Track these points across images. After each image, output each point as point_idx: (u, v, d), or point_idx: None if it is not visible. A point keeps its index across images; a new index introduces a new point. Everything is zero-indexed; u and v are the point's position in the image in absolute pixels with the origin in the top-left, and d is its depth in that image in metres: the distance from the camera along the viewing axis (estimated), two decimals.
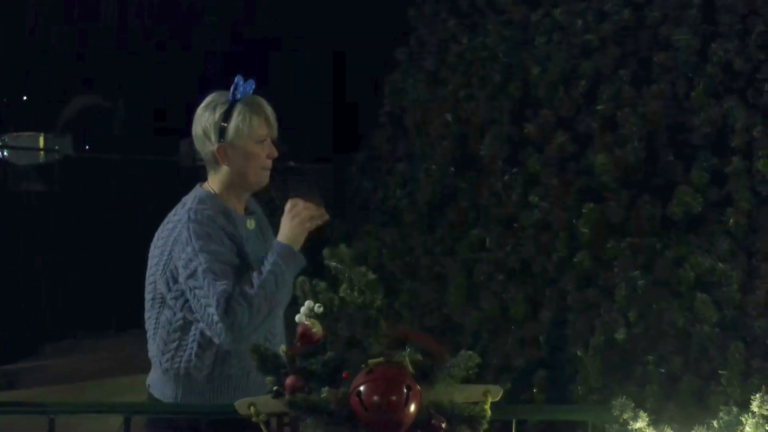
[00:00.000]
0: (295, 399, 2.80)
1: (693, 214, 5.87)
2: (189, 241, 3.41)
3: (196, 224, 3.43)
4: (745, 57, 6.00)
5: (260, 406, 2.93)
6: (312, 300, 2.95)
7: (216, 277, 3.36)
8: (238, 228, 3.55)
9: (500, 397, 2.97)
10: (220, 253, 3.41)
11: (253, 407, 2.93)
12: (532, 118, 6.64)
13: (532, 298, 6.33)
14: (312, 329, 2.91)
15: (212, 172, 3.60)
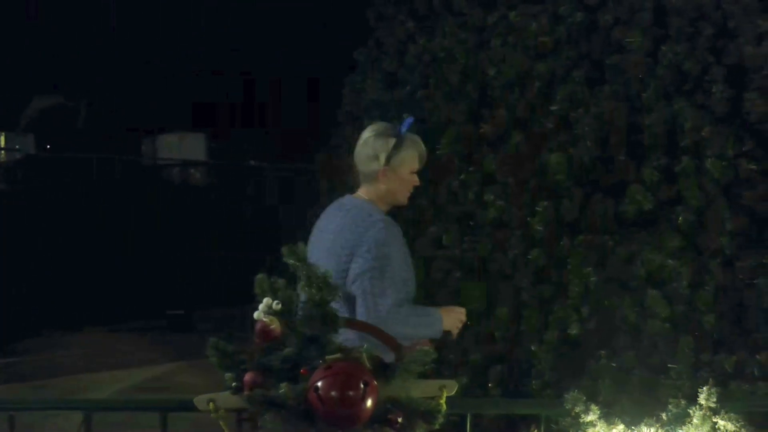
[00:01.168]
0: (254, 394, 2.80)
1: (644, 212, 5.91)
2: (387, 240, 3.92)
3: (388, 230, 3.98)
4: (694, 59, 6.04)
5: (220, 402, 2.92)
6: (270, 297, 2.94)
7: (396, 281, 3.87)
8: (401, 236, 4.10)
9: (456, 392, 2.97)
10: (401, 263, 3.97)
11: (212, 403, 2.91)
12: (488, 118, 6.66)
13: (489, 294, 6.35)
14: (270, 326, 2.91)
15: (366, 186, 4.13)
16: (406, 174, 4.09)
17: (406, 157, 4.06)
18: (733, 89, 5.95)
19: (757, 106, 5.84)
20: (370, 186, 4.11)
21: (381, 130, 4.13)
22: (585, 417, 2.89)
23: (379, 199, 4.10)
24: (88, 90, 15.67)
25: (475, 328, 6.33)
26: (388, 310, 3.80)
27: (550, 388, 5.67)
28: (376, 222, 3.99)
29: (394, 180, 4.06)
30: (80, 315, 11.49)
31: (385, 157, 4.03)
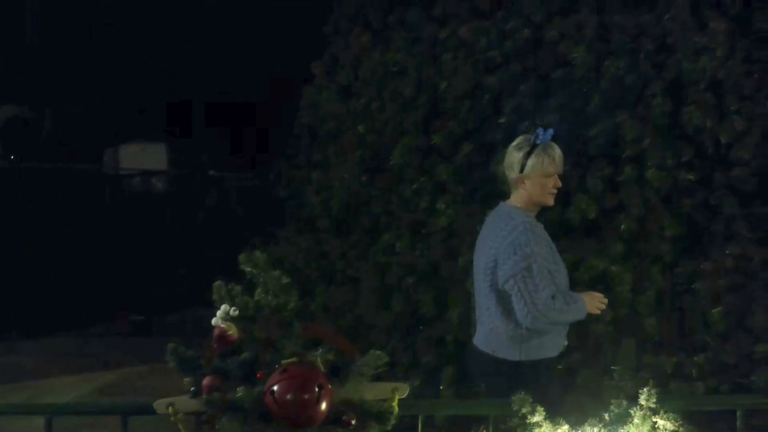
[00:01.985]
0: (212, 398, 2.78)
1: (589, 219, 5.95)
2: (527, 243, 4.15)
3: (533, 233, 4.19)
4: (635, 74, 6.11)
5: (179, 406, 2.89)
6: (228, 304, 2.93)
7: (547, 276, 4.12)
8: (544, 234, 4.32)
9: (408, 394, 2.97)
10: (547, 258, 4.19)
11: (171, 407, 2.89)
12: (439, 130, 6.67)
13: (440, 299, 6.35)
14: (228, 332, 2.89)
15: (515, 193, 4.34)
16: (540, 178, 4.26)
17: (536, 163, 4.23)
18: (672, 102, 6.03)
19: (694, 119, 5.92)
20: (516, 192, 4.33)
21: (519, 142, 4.35)
22: (531, 418, 2.90)
23: (525, 202, 4.31)
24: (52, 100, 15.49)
25: (427, 331, 6.34)
26: (544, 303, 4.10)
27: None
28: (516, 225, 4.23)
29: (530, 185, 4.26)
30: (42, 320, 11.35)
31: (519, 166, 4.25)
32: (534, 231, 4.21)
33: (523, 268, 4.14)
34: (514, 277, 4.16)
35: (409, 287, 6.49)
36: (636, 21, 6.27)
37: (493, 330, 4.34)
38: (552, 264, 4.22)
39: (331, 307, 6.86)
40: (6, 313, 11.20)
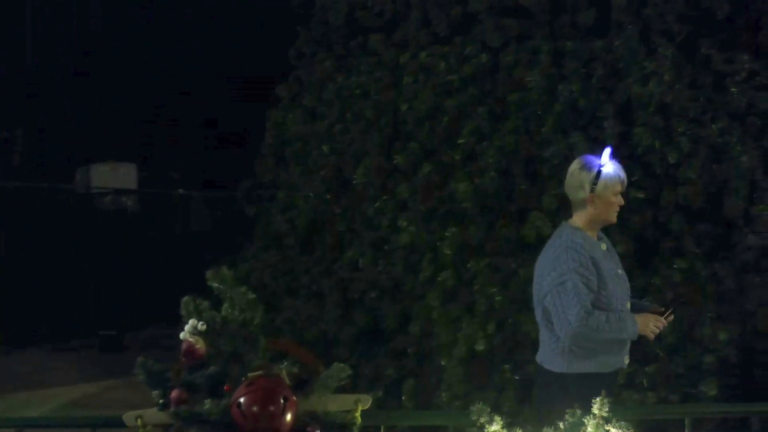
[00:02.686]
0: (180, 410, 2.76)
1: (544, 236, 5.96)
2: (564, 261, 4.13)
3: (573, 251, 4.15)
4: (588, 97, 6.15)
5: (147, 418, 2.87)
6: (195, 318, 2.92)
7: (580, 293, 4.07)
8: (595, 251, 4.24)
9: (370, 405, 2.96)
10: (586, 277, 4.11)
11: (140, 419, 2.86)
12: (401, 150, 6.69)
13: (402, 313, 6.35)
14: (196, 346, 2.88)
15: (578, 212, 4.31)
16: (610, 197, 4.25)
17: (608, 183, 4.23)
18: (622, 124, 6.07)
19: (644, 140, 5.97)
20: (581, 212, 4.29)
21: (584, 162, 4.32)
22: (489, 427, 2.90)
23: (589, 221, 4.29)
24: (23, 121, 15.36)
25: (388, 345, 6.33)
26: (576, 319, 4.05)
27: (459, 400, 5.68)
28: (561, 244, 4.23)
29: (600, 204, 4.24)
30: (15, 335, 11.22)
31: (590, 186, 4.22)
32: (575, 249, 4.16)
33: (558, 284, 4.13)
34: (550, 292, 4.16)
35: (371, 302, 6.49)
36: (588, 47, 6.33)
37: (542, 342, 4.35)
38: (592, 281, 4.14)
39: (297, 321, 6.85)
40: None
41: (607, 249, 4.35)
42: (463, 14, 6.80)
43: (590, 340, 4.11)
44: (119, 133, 15.15)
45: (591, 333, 4.06)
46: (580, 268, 4.11)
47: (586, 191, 4.23)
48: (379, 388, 6.02)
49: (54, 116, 14.99)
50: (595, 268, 4.17)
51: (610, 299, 4.19)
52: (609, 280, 4.20)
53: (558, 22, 6.52)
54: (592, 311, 4.07)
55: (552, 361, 4.25)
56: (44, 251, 12.10)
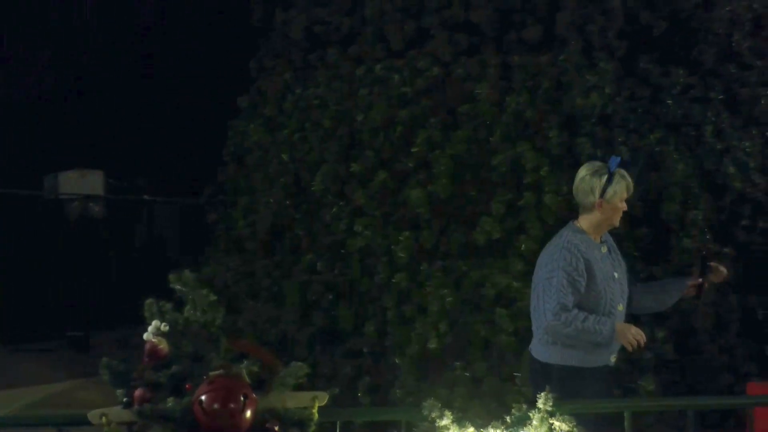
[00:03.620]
0: (143, 409, 2.73)
1: (493, 240, 5.99)
2: (557, 259, 4.16)
3: (567, 251, 4.16)
4: (534, 108, 6.19)
5: (112, 416, 2.83)
6: (158, 320, 2.89)
7: (562, 291, 4.09)
8: (593, 253, 4.23)
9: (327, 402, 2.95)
10: (572, 276, 4.12)
11: (105, 417, 2.82)
12: (357, 158, 6.68)
13: (358, 314, 6.34)
14: (159, 346, 2.84)
15: (584, 215, 4.29)
16: (617, 203, 4.24)
17: (617, 189, 4.22)
18: (566, 134, 6.12)
19: (586, 149, 6.02)
20: (588, 215, 4.28)
21: (595, 168, 4.28)
22: (440, 422, 2.90)
23: (595, 225, 4.28)
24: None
25: (345, 344, 6.32)
26: (552, 314, 4.09)
27: (412, 396, 5.67)
28: (559, 243, 4.25)
29: (608, 209, 4.23)
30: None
31: (600, 191, 4.20)
32: (569, 249, 4.17)
33: (546, 278, 4.17)
34: (538, 285, 4.22)
35: (329, 303, 6.47)
36: (534, 61, 6.37)
37: (536, 334, 4.35)
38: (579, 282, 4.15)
39: (257, 322, 6.80)
40: None
41: (608, 251, 4.35)
42: (416, 29, 6.82)
43: (562, 336, 4.12)
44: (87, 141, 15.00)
45: (562, 329, 4.08)
46: (569, 268, 4.13)
47: (596, 196, 4.22)
48: (336, 386, 6.00)
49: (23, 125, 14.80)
50: (589, 269, 4.18)
51: (598, 300, 4.19)
52: (600, 282, 4.20)
53: (506, 38, 6.56)
54: (569, 309, 4.09)
55: (538, 350, 4.29)
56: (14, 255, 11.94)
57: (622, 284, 4.35)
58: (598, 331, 4.11)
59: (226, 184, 8.04)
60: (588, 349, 4.20)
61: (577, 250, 4.18)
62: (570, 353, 4.19)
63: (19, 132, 14.88)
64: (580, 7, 6.39)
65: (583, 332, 4.10)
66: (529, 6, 6.53)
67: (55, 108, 15.09)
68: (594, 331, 4.10)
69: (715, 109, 6.45)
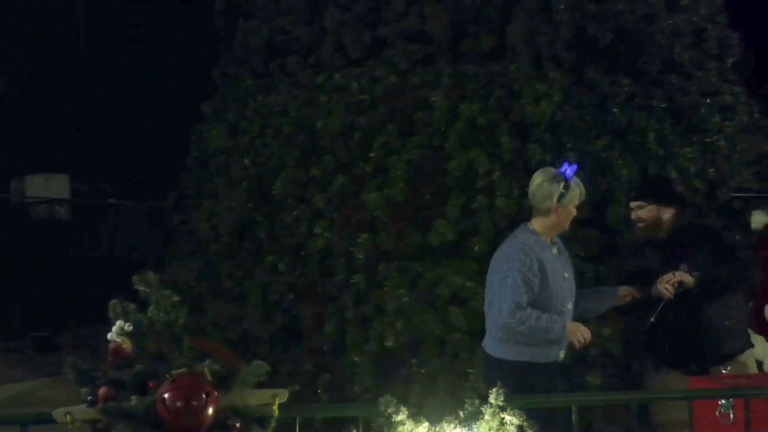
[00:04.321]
0: (107, 407, 2.69)
1: (447, 242, 6.01)
2: (512, 259, 4.21)
3: (521, 251, 4.21)
4: (486, 116, 6.22)
5: (76, 414, 2.79)
6: (122, 320, 2.85)
7: (517, 290, 4.14)
8: (545, 253, 4.29)
9: (288, 399, 2.94)
10: (527, 276, 4.17)
11: (69, 415, 2.79)
12: (316, 163, 6.67)
13: (318, 313, 6.33)
14: (122, 346, 2.81)
15: (539, 218, 4.35)
16: (571, 209, 4.34)
17: (572, 196, 4.30)
18: (517, 140, 6.15)
19: (536, 155, 6.06)
20: (543, 218, 4.35)
21: (552, 175, 4.34)
22: (396, 417, 2.90)
23: (548, 227, 4.35)
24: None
25: (305, 343, 6.30)
26: (507, 312, 4.13)
27: (370, 393, 5.67)
28: (515, 243, 4.30)
29: (562, 213, 4.32)
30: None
31: (557, 197, 4.27)
32: (523, 250, 4.23)
33: (501, 278, 4.21)
34: (494, 284, 4.26)
35: (290, 303, 6.45)
36: (486, 70, 6.40)
37: (489, 332, 4.40)
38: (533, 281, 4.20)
39: (220, 322, 6.76)
40: None
41: (558, 252, 4.42)
42: (374, 39, 6.83)
43: (516, 333, 4.17)
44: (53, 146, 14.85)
45: (517, 326, 4.13)
46: (523, 268, 4.17)
47: (554, 201, 4.28)
48: (297, 383, 5.98)
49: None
50: (542, 269, 4.23)
51: (550, 298, 4.26)
52: (552, 281, 4.25)
53: (459, 48, 6.59)
54: (523, 308, 4.14)
55: (492, 347, 4.33)
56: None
57: (571, 283, 4.42)
58: (551, 329, 4.16)
59: (189, 188, 7.98)
60: (539, 345, 4.25)
61: (531, 251, 4.23)
62: (522, 349, 4.24)
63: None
64: (529, 19, 6.43)
65: (536, 330, 4.14)
66: (482, 18, 6.56)
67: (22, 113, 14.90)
68: (547, 329, 4.16)
69: (658, 117, 6.52)
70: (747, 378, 4.47)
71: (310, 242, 6.48)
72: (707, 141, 6.68)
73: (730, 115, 6.99)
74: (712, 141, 6.69)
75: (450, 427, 2.94)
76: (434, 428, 2.95)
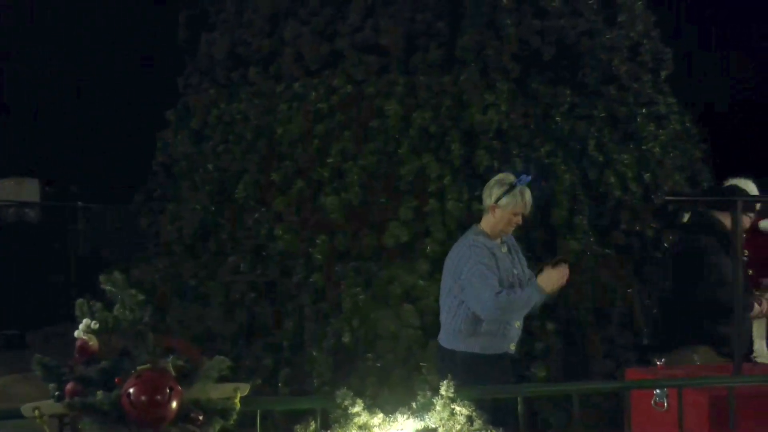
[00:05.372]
0: (74, 401, 2.64)
1: (401, 243, 6.01)
2: (470, 256, 4.22)
3: (475, 248, 4.24)
4: (437, 124, 6.24)
5: (44, 409, 2.73)
6: (89, 318, 2.80)
7: (486, 279, 4.16)
8: (495, 251, 4.30)
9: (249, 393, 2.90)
10: (489, 266, 4.21)
11: (37, 410, 2.73)
12: (276, 168, 6.64)
13: (278, 311, 6.29)
14: (89, 343, 2.76)
15: (484, 217, 4.38)
16: (508, 214, 4.30)
17: (510, 201, 4.27)
18: (467, 147, 6.18)
19: (484, 161, 6.09)
20: (486, 217, 4.38)
21: (501, 177, 4.37)
22: (352, 409, 2.88)
23: (489, 227, 4.36)
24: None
25: (266, 339, 6.25)
26: (490, 298, 4.12)
27: (328, 386, 5.65)
28: (465, 244, 4.31)
29: (499, 215, 4.30)
30: None
31: (495, 197, 4.28)
32: (476, 246, 4.25)
33: (469, 276, 4.20)
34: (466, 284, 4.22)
35: (251, 301, 6.40)
36: (437, 81, 6.42)
37: (443, 325, 4.40)
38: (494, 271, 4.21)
39: (184, 319, 6.69)
40: None
41: (508, 251, 4.41)
42: (331, 51, 6.81)
43: (507, 313, 4.19)
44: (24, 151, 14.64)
45: (505, 305, 4.13)
46: (483, 259, 4.20)
47: (492, 200, 4.30)
48: (258, 377, 5.94)
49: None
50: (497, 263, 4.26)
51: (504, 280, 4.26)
52: (504, 278, 4.27)
53: (412, 60, 6.60)
54: (500, 290, 4.15)
55: (445, 339, 4.35)
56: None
57: (521, 280, 4.41)
58: (531, 295, 4.19)
59: (155, 192, 7.90)
60: (490, 335, 4.26)
61: (484, 246, 4.26)
62: (473, 341, 4.26)
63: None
64: (478, 33, 6.46)
65: (521, 302, 4.18)
66: (433, 31, 6.58)
67: None
68: (528, 296, 4.19)
69: (598, 125, 6.59)
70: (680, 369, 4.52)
71: (270, 243, 6.44)
72: (643, 148, 6.77)
73: (664, 124, 7.09)
74: (648, 148, 6.78)
75: (403, 418, 2.93)
76: (388, 419, 2.93)
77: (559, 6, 6.67)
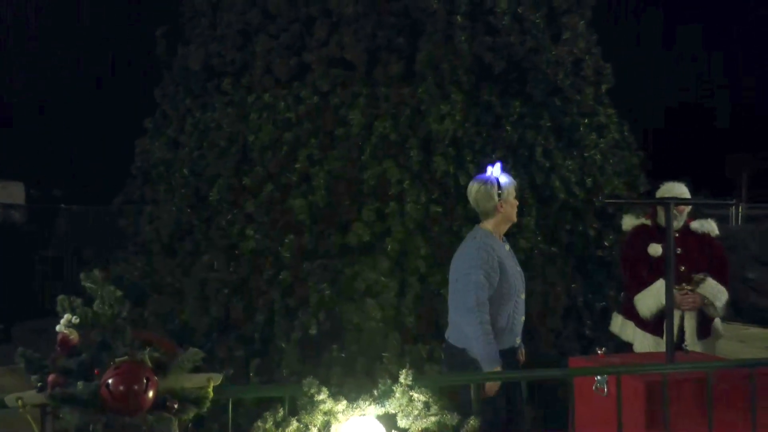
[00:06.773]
0: (55, 392, 2.60)
1: (364, 242, 6.01)
2: (475, 258, 4.13)
3: (483, 251, 4.15)
4: (397, 132, 6.23)
5: (27, 399, 2.69)
6: (70, 313, 2.77)
7: (480, 287, 4.07)
8: (502, 251, 4.24)
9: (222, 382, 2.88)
10: (489, 273, 4.11)
11: (20, 400, 2.68)
12: (248, 173, 6.60)
13: (249, 306, 6.26)
14: (70, 336, 2.73)
15: (488, 219, 4.29)
16: (512, 200, 4.29)
17: (508, 188, 4.26)
18: (425, 154, 6.19)
19: (441, 166, 6.10)
20: (491, 218, 4.29)
21: (481, 181, 4.30)
22: (318, 396, 2.88)
23: (497, 224, 4.29)
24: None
25: (238, 332, 6.22)
26: (474, 303, 4.05)
27: (296, 375, 5.63)
28: (474, 243, 4.21)
29: (507, 207, 4.26)
30: None
31: (497, 195, 4.22)
32: (485, 249, 4.15)
33: (465, 274, 4.12)
34: (459, 280, 4.16)
35: (224, 297, 6.36)
36: (397, 92, 6.42)
37: (453, 324, 4.30)
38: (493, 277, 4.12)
39: (161, 314, 6.63)
40: None
41: (509, 250, 4.36)
42: (299, 64, 6.79)
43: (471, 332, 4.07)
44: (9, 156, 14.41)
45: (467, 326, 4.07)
46: (485, 266, 4.11)
47: (495, 200, 4.23)
48: (231, 368, 5.90)
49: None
50: (501, 265, 4.17)
51: (509, 290, 4.19)
52: (510, 275, 4.20)
53: (374, 72, 6.60)
54: (485, 303, 4.07)
55: (456, 338, 4.24)
56: None
57: (521, 276, 4.37)
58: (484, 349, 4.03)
59: (134, 194, 7.81)
60: (499, 333, 4.18)
61: (492, 249, 4.18)
62: None
63: None
64: (435, 48, 6.48)
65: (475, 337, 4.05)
66: (393, 46, 6.58)
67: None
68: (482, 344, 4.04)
69: (544, 134, 6.64)
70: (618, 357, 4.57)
71: (242, 243, 6.40)
72: (585, 155, 6.83)
73: (605, 133, 7.17)
74: (590, 155, 6.85)
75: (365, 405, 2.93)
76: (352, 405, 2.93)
77: (509, 24, 6.71)
